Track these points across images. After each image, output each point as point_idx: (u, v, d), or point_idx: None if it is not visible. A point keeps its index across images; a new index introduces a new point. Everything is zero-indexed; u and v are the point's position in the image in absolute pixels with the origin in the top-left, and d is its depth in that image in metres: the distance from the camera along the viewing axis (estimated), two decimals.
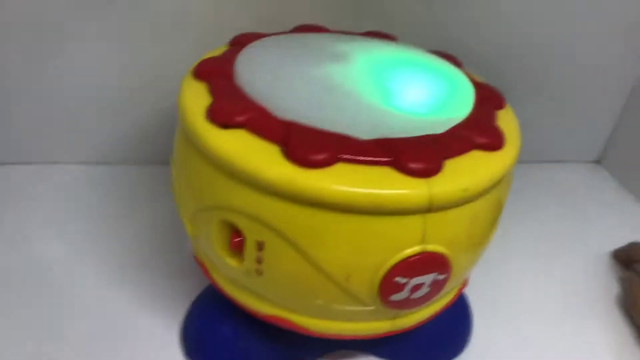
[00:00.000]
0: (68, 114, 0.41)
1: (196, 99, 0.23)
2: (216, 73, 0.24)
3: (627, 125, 0.48)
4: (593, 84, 0.46)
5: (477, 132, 0.22)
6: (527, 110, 0.46)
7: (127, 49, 0.38)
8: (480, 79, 0.28)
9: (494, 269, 0.37)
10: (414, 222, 0.20)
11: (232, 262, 0.23)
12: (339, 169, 0.19)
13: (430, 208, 0.20)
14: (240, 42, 0.27)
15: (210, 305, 0.30)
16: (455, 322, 0.32)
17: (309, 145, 0.20)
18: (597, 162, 0.52)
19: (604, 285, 0.37)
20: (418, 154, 0.20)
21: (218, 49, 0.27)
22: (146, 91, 0.40)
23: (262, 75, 0.24)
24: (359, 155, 0.20)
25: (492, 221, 0.23)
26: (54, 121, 0.41)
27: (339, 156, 0.20)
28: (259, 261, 0.22)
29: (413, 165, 0.19)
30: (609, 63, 0.45)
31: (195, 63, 0.25)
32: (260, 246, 0.21)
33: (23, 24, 0.36)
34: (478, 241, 0.23)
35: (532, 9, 0.41)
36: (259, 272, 0.22)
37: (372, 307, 0.22)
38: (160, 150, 0.43)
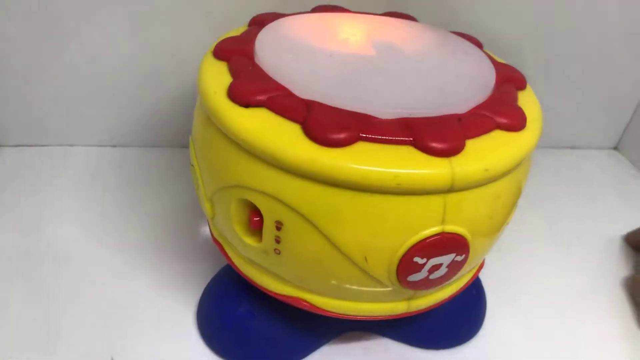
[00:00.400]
0: (85, 96, 0.41)
1: (217, 78, 0.23)
2: (236, 52, 0.24)
3: None
4: (612, 70, 0.45)
5: (499, 112, 0.22)
6: (545, 96, 0.45)
7: (145, 31, 0.38)
8: (501, 59, 0.28)
9: (508, 252, 0.37)
10: (434, 202, 0.20)
11: (250, 241, 0.23)
12: (360, 148, 0.19)
13: (451, 188, 0.20)
14: (259, 22, 0.27)
15: (227, 286, 0.30)
16: (470, 306, 0.32)
17: (329, 124, 0.20)
18: (615, 148, 0.51)
19: (615, 270, 0.37)
20: (440, 133, 0.20)
21: (237, 29, 0.27)
22: (163, 73, 0.40)
23: (282, 54, 0.24)
24: (380, 135, 0.20)
25: (512, 203, 0.23)
26: (70, 103, 0.41)
27: (359, 135, 0.20)
28: (278, 241, 0.22)
29: (435, 145, 0.19)
30: (628, 49, 0.44)
31: (215, 43, 0.25)
32: (279, 226, 0.21)
33: (40, 6, 0.36)
34: (497, 223, 0.23)
35: None
36: (277, 252, 0.22)
37: (389, 288, 0.22)
38: (177, 133, 0.44)
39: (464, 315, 0.31)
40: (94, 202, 0.38)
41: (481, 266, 0.28)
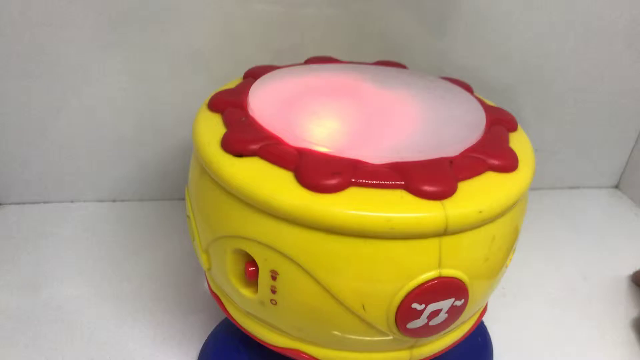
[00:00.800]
0: (85, 152, 0.42)
1: (211, 129, 0.23)
2: (230, 104, 0.24)
3: None
4: (609, 109, 0.46)
5: (491, 153, 0.22)
6: (542, 137, 0.46)
7: (143, 88, 0.39)
8: (491, 103, 0.28)
9: (513, 297, 0.36)
10: (429, 246, 0.20)
11: (246, 292, 0.23)
12: (352, 193, 0.19)
13: (445, 231, 0.19)
14: (253, 75, 0.28)
15: (226, 339, 0.30)
16: (476, 354, 0.31)
17: (321, 170, 0.20)
18: (616, 187, 0.51)
19: (623, 310, 0.36)
20: (432, 176, 0.20)
21: (232, 82, 0.28)
22: (161, 128, 0.41)
23: (275, 104, 0.24)
24: (372, 179, 0.20)
25: (509, 245, 0.23)
26: (70, 160, 0.42)
27: (351, 180, 0.20)
28: (274, 291, 0.21)
29: (427, 188, 0.19)
30: (624, 88, 0.45)
31: (210, 95, 0.26)
32: (274, 275, 0.21)
33: (40, 66, 0.38)
34: (495, 265, 0.22)
35: (545, 37, 0.41)
36: (274, 302, 0.22)
37: (389, 336, 0.22)
38: (177, 186, 0.44)
39: None
40: (94, 258, 0.38)
41: (484, 311, 0.27)
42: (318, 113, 0.24)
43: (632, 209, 0.48)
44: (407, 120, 0.24)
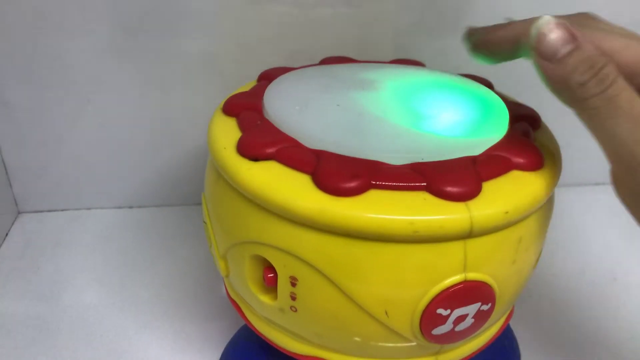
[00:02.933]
0: (101, 159, 0.42)
1: (226, 133, 0.23)
2: (245, 107, 0.24)
3: None
4: None
5: (515, 152, 0.21)
6: (567, 133, 0.45)
7: (158, 94, 0.39)
8: (513, 99, 0.27)
9: (540, 298, 0.35)
10: (454, 249, 0.19)
11: (266, 299, 0.22)
12: (372, 196, 0.19)
13: (470, 233, 0.19)
14: (268, 77, 0.27)
15: (246, 346, 0.29)
16: (502, 357, 0.30)
17: (339, 173, 0.19)
18: None
19: None
20: (455, 177, 0.19)
21: (247, 85, 0.28)
22: (177, 134, 0.41)
23: (290, 106, 0.23)
24: (393, 181, 0.19)
25: (537, 246, 0.22)
26: (87, 167, 0.42)
27: (371, 183, 0.19)
28: (293, 297, 0.21)
29: (450, 189, 0.19)
30: None
31: (225, 99, 0.25)
32: (293, 282, 0.20)
33: (55, 74, 0.38)
34: (523, 268, 0.22)
35: None
36: (294, 309, 0.21)
37: (414, 343, 0.21)
38: (193, 192, 0.43)
39: None
40: (112, 265, 0.38)
41: (510, 314, 0.26)
42: (335, 113, 0.23)
43: None
44: (427, 119, 0.23)
